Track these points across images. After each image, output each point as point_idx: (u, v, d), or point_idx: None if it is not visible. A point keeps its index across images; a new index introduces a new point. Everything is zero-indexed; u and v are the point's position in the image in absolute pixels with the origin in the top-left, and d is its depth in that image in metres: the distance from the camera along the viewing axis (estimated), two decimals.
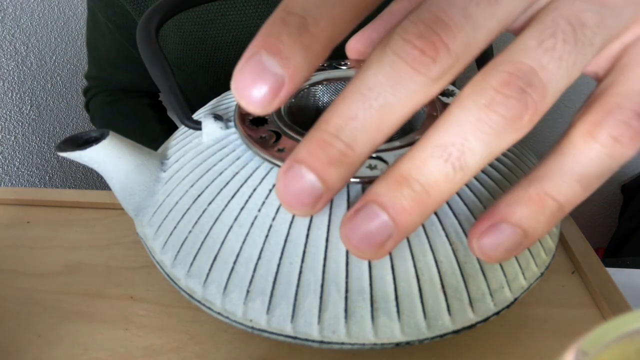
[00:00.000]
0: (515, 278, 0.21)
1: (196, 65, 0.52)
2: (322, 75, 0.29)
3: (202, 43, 0.49)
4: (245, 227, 0.21)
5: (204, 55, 0.50)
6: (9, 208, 0.36)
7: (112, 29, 0.56)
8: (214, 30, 0.48)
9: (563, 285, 0.29)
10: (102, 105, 0.63)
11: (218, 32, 0.49)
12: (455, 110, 0.13)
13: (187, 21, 0.49)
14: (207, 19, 0.48)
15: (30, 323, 0.27)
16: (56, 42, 0.82)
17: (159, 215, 0.24)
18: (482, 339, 0.26)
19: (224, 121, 0.24)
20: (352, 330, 0.19)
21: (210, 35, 0.49)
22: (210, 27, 0.48)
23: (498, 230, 0.14)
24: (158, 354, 0.25)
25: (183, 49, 0.51)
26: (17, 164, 0.78)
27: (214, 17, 0.48)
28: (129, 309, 0.27)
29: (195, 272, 0.21)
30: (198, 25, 0.49)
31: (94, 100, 0.64)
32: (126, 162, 0.24)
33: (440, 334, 0.20)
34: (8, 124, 0.75)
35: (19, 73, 0.76)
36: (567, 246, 0.32)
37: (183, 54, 0.51)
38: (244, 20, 0.48)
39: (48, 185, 0.84)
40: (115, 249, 0.32)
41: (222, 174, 0.22)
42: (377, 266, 0.20)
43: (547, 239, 0.23)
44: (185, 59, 0.52)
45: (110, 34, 0.57)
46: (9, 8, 0.73)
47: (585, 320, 0.27)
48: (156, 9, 0.27)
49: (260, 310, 0.20)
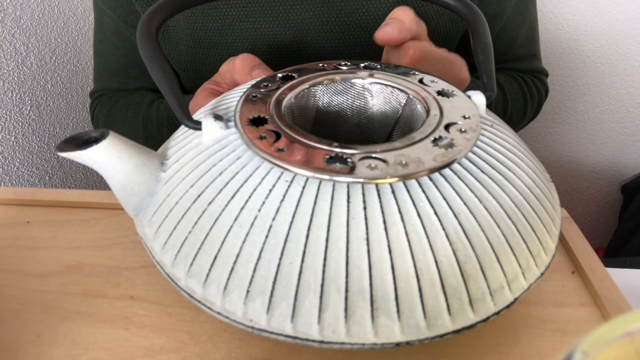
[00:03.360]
0: (515, 278, 0.21)
1: (207, 69, 0.51)
2: (322, 76, 0.29)
3: (217, 48, 0.49)
4: (245, 227, 0.21)
5: (217, 60, 0.50)
6: (9, 208, 0.36)
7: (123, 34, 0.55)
8: (230, 36, 0.48)
9: (563, 285, 0.29)
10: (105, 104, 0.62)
11: (234, 39, 0.48)
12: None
13: (203, 26, 0.48)
14: (224, 25, 0.48)
15: (30, 323, 0.27)
16: (56, 42, 0.82)
17: (159, 215, 0.24)
18: (482, 339, 0.26)
19: (224, 121, 0.24)
20: (352, 330, 0.19)
21: (226, 41, 0.49)
22: (226, 32, 0.48)
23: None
24: (158, 354, 0.25)
25: (195, 52, 0.50)
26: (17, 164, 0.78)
27: (232, 22, 0.48)
28: (129, 309, 0.27)
29: (195, 272, 0.21)
30: (214, 30, 0.48)
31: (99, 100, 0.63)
32: (126, 162, 0.24)
33: (440, 334, 0.20)
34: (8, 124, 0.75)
35: (19, 73, 0.76)
36: (567, 246, 0.32)
37: (195, 57, 0.51)
38: (262, 28, 0.47)
39: (48, 185, 0.84)
40: (115, 249, 0.32)
41: (222, 174, 0.22)
42: (377, 266, 0.20)
43: (547, 239, 0.23)
44: (196, 62, 0.51)
45: (120, 42, 0.56)
46: (9, 8, 0.73)
47: (585, 320, 0.27)
48: (156, 9, 0.27)
49: (260, 310, 0.20)
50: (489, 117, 0.27)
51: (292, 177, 0.21)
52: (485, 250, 0.21)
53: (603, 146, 1.04)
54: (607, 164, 1.06)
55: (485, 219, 0.21)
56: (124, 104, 0.57)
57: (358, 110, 0.31)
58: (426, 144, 0.23)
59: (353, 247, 0.20)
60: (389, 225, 0.20)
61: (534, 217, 0.23)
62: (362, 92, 0.29)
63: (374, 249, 0.20)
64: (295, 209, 0.20)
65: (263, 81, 0.28)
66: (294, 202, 0.20)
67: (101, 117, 0.60)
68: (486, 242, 0.21)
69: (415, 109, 0.27)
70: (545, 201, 0.24)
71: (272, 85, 0.27)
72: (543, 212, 0.24)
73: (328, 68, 0.29)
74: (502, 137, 0.25)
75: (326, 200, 0.20)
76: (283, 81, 0.28)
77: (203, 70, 0.52)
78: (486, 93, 0.27)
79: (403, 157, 0.21)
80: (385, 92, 0.29)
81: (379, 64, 0.30)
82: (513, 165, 0.24)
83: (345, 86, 0.29)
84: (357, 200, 0.20)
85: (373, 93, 0.29)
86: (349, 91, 0.30)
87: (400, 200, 0.20)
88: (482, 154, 0.23)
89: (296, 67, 0.29)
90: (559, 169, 1.08)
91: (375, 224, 0.20)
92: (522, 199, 0.23)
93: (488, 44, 0.29)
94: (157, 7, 0.27)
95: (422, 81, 0.28)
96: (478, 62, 0.29)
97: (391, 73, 0.29)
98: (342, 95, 0.30)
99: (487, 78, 0.28)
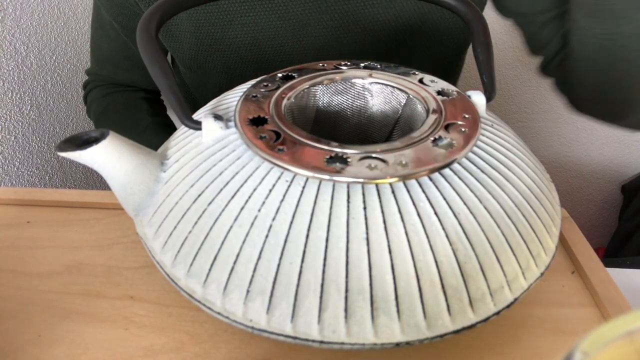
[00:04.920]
0: (515, 278, 0.21)
1: (211, 66, 0.52)
2: (322, 76, 0.29)
3: (219, 44, 0.49)
4: (245, 227, 0.21)
5: (220, 56, 0.50)
6: (9, 208, 0.36)
7: (117, 29, 0.56)
8: (232, 31, 0.48)
9: (563, 285, 0.29)
10: (98, 97, 0.63)
11: (236, 33, 0.49)
12: None
13: (205, 22, 0.49)
14: (226, 20, 0.48)
15: (30, 323, 0.27)
16: (56, 42, 0.82)
17: (159, 215, 0.24)
18: (482, 339, 0.26)
19: (224, 121, 0.24)
20: (352, 330, 0.19)
21: (228, 36, 0.49)
22: (228, 27, 0.48)
23: None
24: (158, 354, 0.25)
25: (199, 50, 0.51)
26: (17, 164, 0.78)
27: (233, 17, 0.48)
28: (129, 309, 0.27)
29: (195, 272, 0.21)
30: (216, 26, 0.49)
31: (92, 94, 0.65)
32: (126, 162, 0.24)
33: (440, 334, 0.20)
34: (8, 124, 0.75)
35: (19, 73, 0.76)
36: (567, 246, 0.32)
37: (198, 54, 0.51)
38: (262, 22, 0.48)
39: (48, 185, 0.84)
40: (115, 249, 0.32)
41: (222, 174, 0.22)
42: (377, 266, 0.20)
43: (547, 239, 0.23)
44: (200, 59, 0.51)
45: (115, 34, 0.57)
46: (9, 8, 0.73)
47: (585, 320, 0.27)
48: (156, 9, 0.27)
49: (260, 310, 0.20)
50: (489, 117, 0.27)
51: (292, 177, 0.21)
52: (485, 250, 0.21)
53: (603, 146, 1.04)
54: (607, 164, 1.06)
55: (485, 219, 0.21)
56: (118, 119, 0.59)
57: (358, 110, 0.31)
58: (426, 144, 0.23)
59: (353, 247, 0.20)
60: (389, 225, 0.20)
61: (534, 217, 0.23)
62: (362, 92, 0.30)
63: (374, 249, 0.20)
64: (295, 209, 0.20)
65: (263, 81, 0.28)
66: (294, 202, 0.20)
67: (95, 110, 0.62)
68: (486, 242, 0.21)
69: (416, 108, 0.27)
70: (545, 201, 0.24)
71: (272, 85, 0.27)
72: (543, 212, 0.24)
73: (328, 68, 0.29)
74: (502, 137, 0.25)
75: (326, 200, 0.20)
76: (283, 81, 0.28)
77: (207, 67, 0.52)
78: (486, 93, 0.27)
79: (403, 157, 0.21)
80: (385, 92, 0.29)
81: (379, 64, 0.30)
82: (513, 165, 0.24)
83: (345, 86, 0.29)
84: (357, 200, 0.20)
85: (373, 93, 0.29)
86: (349, 91, 0.30)
87: (400, 200, 0.20)
88: (482, 154, 0.23)
89: (296, 67, 0.29)
90: (559, 169, 1.08)
91: (375, 224, 0.20)
92: (522, 199, 0.23)
93: (488, 44, 0.29)
94: (157, 7, 0.27)
95: (422, 81, 0.28)
96: (478, 62, 0.29)
97: (391, 73, 0.29)
98: (342, 95, 0.30)
99: (487, 78, 0.28)
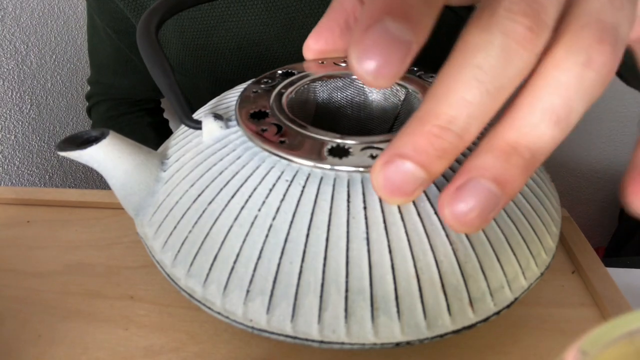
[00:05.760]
0: (515, 278, 0.21)
1: (198, 70, 0.52)
2: (321, 72, 0.29)
3: (204, 49, 0.50)
4: (245, 227, 0.21)
5: (206, 61, 0.50)
6: (9, 208, 0.36)
7: (110, 34, 0.56)
8: (216, 36, 0.48)
9: (563, 285, 0.29)
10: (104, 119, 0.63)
11: (220, 39, 0.49)
12: (553, 73, 0.13)
13: (189, 27, 0.49)
14: (210, 26, 0.48)
15: (30, 323, 0.27)
16: (56, 41, 0.82)
17: (159, 215, 0.24)
18: (482, 339, 0.26)
19: (224, 120, 0.24)
20: (352, 330, 0.19)
21: (212, 41, 0.49)
22: (212, 33, 0.48)
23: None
24: (158, 354, 0.25)
25: (185, 55, 0.51)
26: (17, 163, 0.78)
27: (216, 23, 0.48)
28: (129, 309, 0.27)
29: (195, 272, 0.21)
30: (200, 32, 0.49)
31: (96, 110, 0.64)
32: (126, 161, 0.24)
33: (440, 334, 0.20)
34: (8, 123, 0.75)
35: (19, 72, 0.76)
36: (567, 246, 0.32)
37: (185, 59, 0.51)
38: (246, 27, 0.48)
39: (48, 185, 0.84)
40: (115, 249, 0.32)
41: (222, 173, 0.22)
42: (377, 266, 0.20)
43: (547, 239, 0.23)
44: (187, 64, 0.52)
45: (109, 40, 0.57)
46: (9, 7, 0.73)
47: (585, 320, 0.27)
48: (156, 9, 0.27)
49: (260, 310, 0.20)
50: None
51: (292, 176, 0.21)
52: (485, 250, 0.21)
53: (603, 146, 1.04)
54: (607, 163, 1.06)
55: None
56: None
57: (358, 106, 0.31)
58: None
59: (353, 247, 0.20)
60: (389, 224, 0.20)
61: (534, 216, 0.23)
62: (361, 87, 0.30)
63: (374, 249, 0.20)
64: (296, 208, 0.20)
65: (263, 77, 0.28)
66: (294, 201, 0.20)
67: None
68: (486, 242, 0.21)
69: (415, 104, 0.27)
70: (545, 201, 0.24)
71: (272, 81, 0.27)
72: (543, 212, 0.24)
73: (327, 64, 0.29)
74: None
75: (326, 200, 0.20)
76: (283, 77, 0.28)
77: (195, 72, 0.52)
78: None
79: None
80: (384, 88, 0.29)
81: None
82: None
83: (344, 82, 0.29)
84: (358, 200, 0.20)
85: (372, 89, 0.29)
86: (348, 87, 0.30)
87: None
88: None
89: (296, 64, 0.29)
90: (559, 169, 1.08)
91: (375, 223, 0.20)
92: (522, 198, 0.23)
93: None
94: (157, 7, 0.27)
95: (421, 76, 0.28)
96: None
97: None
98: (342, 91, 0.30)
99: None
